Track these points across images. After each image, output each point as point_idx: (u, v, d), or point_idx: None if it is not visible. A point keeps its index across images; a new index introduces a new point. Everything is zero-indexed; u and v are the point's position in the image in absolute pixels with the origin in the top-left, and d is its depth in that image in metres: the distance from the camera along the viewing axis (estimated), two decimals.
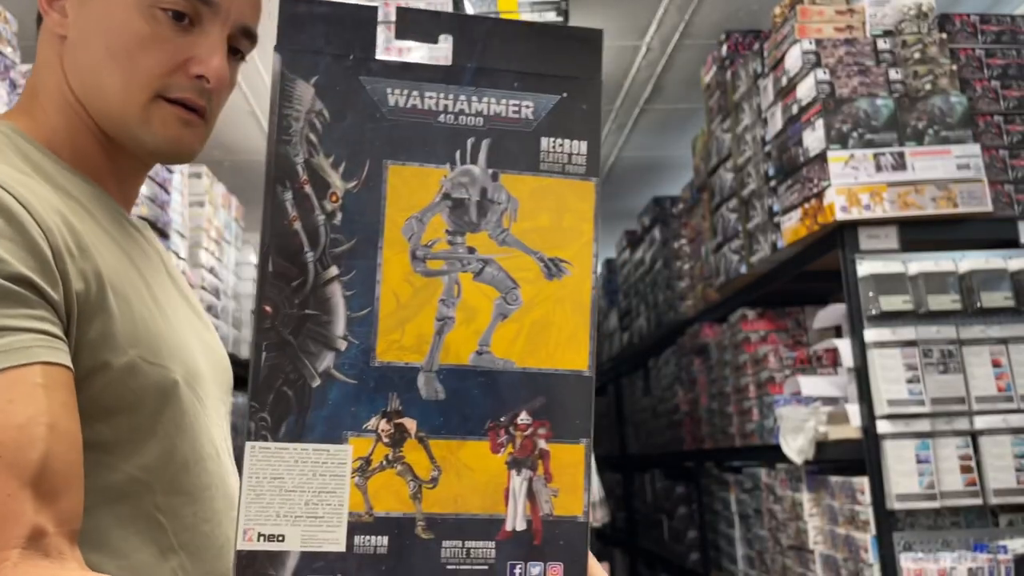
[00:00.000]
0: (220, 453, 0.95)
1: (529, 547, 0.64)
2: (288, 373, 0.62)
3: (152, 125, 0.90)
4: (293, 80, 0.65)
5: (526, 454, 0.64)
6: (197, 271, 3.84)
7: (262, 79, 4.89)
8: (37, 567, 0.69)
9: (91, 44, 0.90)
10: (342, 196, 0.64)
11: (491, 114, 0.66)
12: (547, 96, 0.67)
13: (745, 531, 3.47)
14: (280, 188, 0.64)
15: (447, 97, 0.66)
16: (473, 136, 0.66)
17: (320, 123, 0.64)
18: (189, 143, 0.94)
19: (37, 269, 0.76)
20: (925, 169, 2.45)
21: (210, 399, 0.95)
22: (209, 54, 0.90)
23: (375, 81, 0.65)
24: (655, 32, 4.57)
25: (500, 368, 0.65)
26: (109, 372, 0.81)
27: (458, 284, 0.65)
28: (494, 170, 0.66)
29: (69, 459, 0.74)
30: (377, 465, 0.63)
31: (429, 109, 0.65)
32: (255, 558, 0.60)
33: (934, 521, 2.35)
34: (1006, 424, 2.33)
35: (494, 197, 0.66)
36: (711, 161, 3.58)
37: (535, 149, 0.67)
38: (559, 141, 0.67)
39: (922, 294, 2.39)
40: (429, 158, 0.65)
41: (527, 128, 0.67)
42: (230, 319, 4.39)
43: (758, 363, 3.24)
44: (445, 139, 0.66)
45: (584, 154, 0.68)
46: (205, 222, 3.94)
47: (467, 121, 0.66)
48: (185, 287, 1.05)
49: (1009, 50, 2.69)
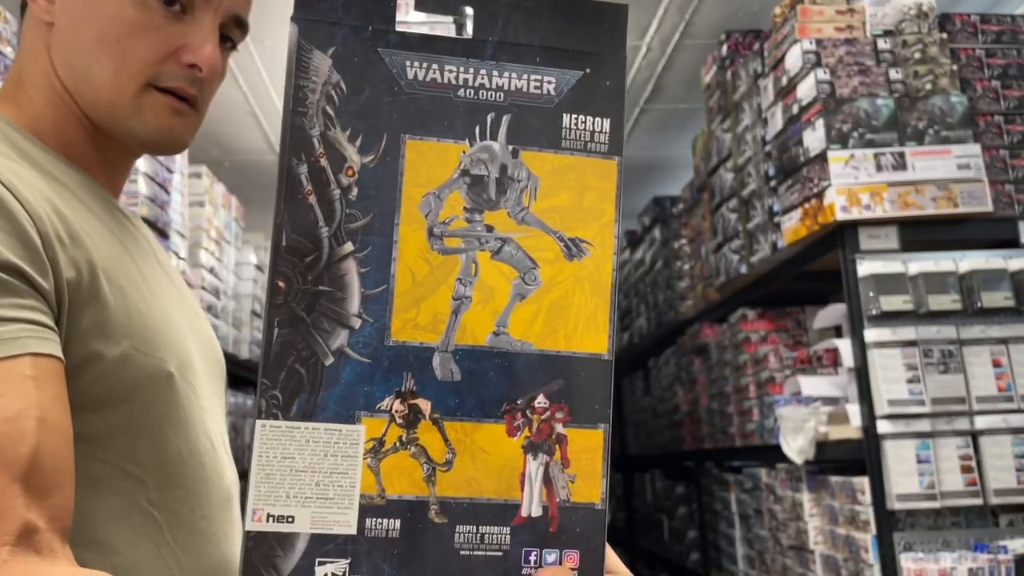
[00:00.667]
0: (216, 446, 0.93)
1: (545, 534, 0.62)
2: (300, 350, 0.61)
3: (143, 114, 0.89)
4: (310, 51, 0.63)
5: (543, 438, 0.63)
6: (197, 271, 3.84)
7: (263, 79, 4.89)
8: (28, 564, 0.67)
9: (80, 32, 0.88)
10: (358, 170, 0.62)
11: (512, 89, 0.65)
12: (570, 72, 0.66)
13: (745, 531, 3.47)
14: (295, 161, 0.62)
15: (467, 71, 0.64)
16: (493, 111, 0.65)
17: (337, 95, 0.63)
18: (181, 133, 0.92)
19: (26, 257, 0.74)
20: (925, 169, 2.45)
21: (205, 391, 0.93)
22: (201, 43, 0.89)
23: (394, 53, 0.63)
24: (655, 32, 4.57)
25: (517, 350, 0.63)
26: (102, 363, 0.79)
27: (476, 263, 0.63)
28: (514, 147, 0.65)
29: (60, 453, 0.72)
30: (390, 446, 0.61)
31: (449, 83, 0.64)
32: (264, 539, 0.59)
33: (934, 521, 2.35)
34: (1006, 424, 2.33)
35: (514, 174, 0.64)
36: (711, 161, 3.58)
37: (557, 126, 0.65)
38: (581, 118, 0.66)
39: (922, 294, 2.39)
40: (448, 133, 0.64)
41: (549, 104, 0.65)
42: (230, 319, 4.39)
43: (758, 363, 3.24)
44: (464, 114, 0.64)
45: (607, 132, 0.66)
46: (205, 222, 3.94)
47: (487, 96, 0.64)
48: (176, 277, 1.02)
49: (1009, 50, 2.69)
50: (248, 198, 5.18)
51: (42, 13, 0.90)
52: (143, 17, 0.87)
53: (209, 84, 0.92)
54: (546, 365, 0.63)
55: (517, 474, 0.62)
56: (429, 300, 0.62)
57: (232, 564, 0.91)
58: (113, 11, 0.87)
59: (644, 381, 5.24)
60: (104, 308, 0.80)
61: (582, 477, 0.63)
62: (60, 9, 0.89)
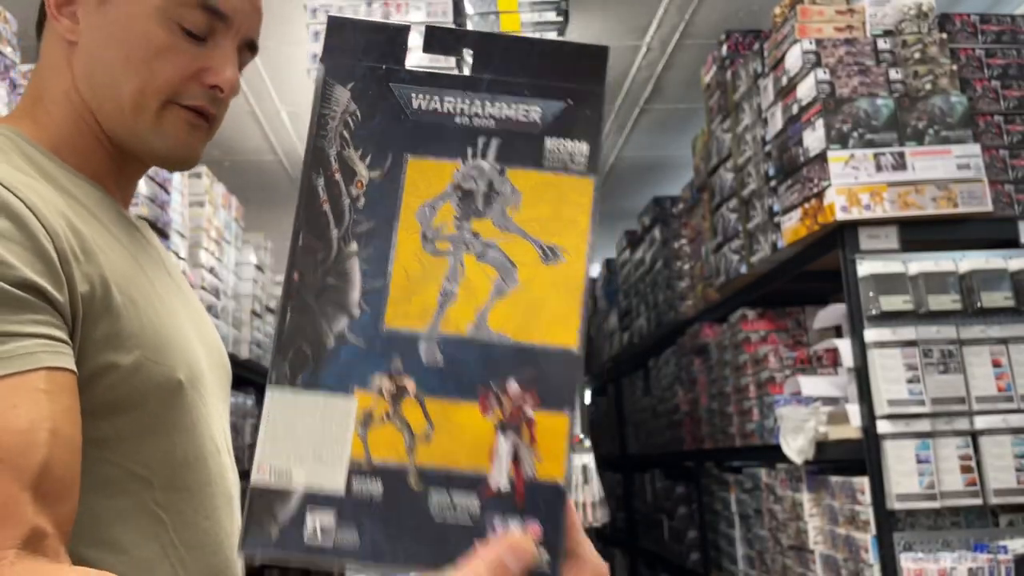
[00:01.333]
0: (220, 450, 0.98)
1: (511, 506, 0.69)
2: (308, 332, 0.70)
3: (164, 128, 0.95)
4: (332, 85, 0.74)
5: (514, 421, 0.70)
6: (197, 271, 3.84)
7: (264, 81, 4.89)
8: (35, 566, 0.71)
9: (108, 51, 0.93)
10: (366, 184, 0.73)
11: (502, 117, 0.75)
12: (554, 102, 0.75)
13: (745, 531, 3.48)
14: (314, 175, 0.72)
15: (464, 101, 0.75)
16: (484, 135, 0.74)
17: (352, 122, 0.74)
18: (195, 147, 0.98)
19: (44, 272, 0.78)
20: (925, 169, 2.45)
21: (211, 397, 0.97)
22: (223, 66, 0.96)
23: (402, 87, 0.74)
24: (655, 32, 4.57)
25: (495, 341, 0.71)
26: (115, 372, 0.83)
27: (462, 264, 0.72)
28: (502, 165, 0.74)
29: (69, 464, 0.77)
30: (378, 419, 0.69)
31: (448, 111, 0.74)
32: (265, 492, 0.67)
33: (934, 521, 2.35)
34: (1006, 424, 2.33)
35: (500, 189, 0.74)
36: (711, 161, 3.58)
37: (540, 148, 0.74)
38: (563, 142, 0.75)
39: (922, 294, 2.39)
40: (444, 153, 0.74)
41: (534, 130, 0.75)
42: (230, 319, 4.39)
43: (758, 363, 3.24)
44: (460, 137, 0.74)
45: (585, 154, 0.74)
46: (205, 222, 3.94)
47: (480, 123, 0.74)
48: (184, 284, 1.07)
49: (1009, 50, 2.69)
50: (248, 198, 5.18)
51: (66, 32, 0.94)
52: (171, 40, 0.93)
53: (226, 103, 0.99)
54: (520, 355, 0.71)
55: (488, 450, 0.70)
56: (420, 295, 0.71)
57: (233, 563, 0.95)
58: (142, 32, 0.92)
59: (644, 381, 5.24)
60: (117, 320, 0.84)
61: (547, 457, 0.70)
62: (85, 29, 0.94)
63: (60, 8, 0.94)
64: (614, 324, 5.74)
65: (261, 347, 4.92)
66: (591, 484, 2.46)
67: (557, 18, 3.16)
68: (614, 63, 4.86)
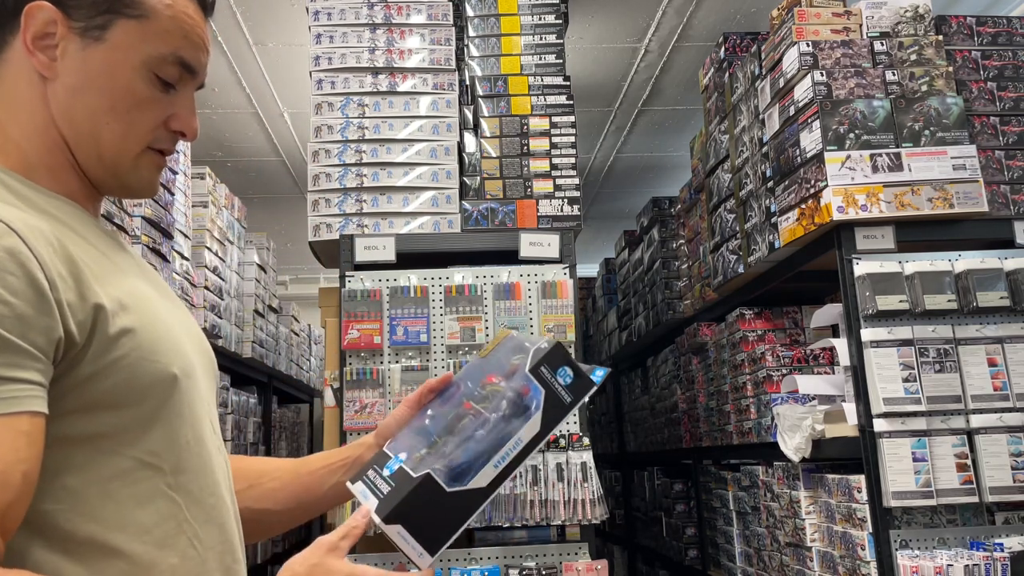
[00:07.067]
0: (216, 430, 1.09)
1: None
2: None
3: (140, 171, 1.05)
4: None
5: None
6: (200, 271, 3.85)
7: (264, 80, 4.91)
8: None
9: (90, 97, 1.00)
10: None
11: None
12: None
13: (743, 528, 3.50)
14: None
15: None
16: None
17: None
18: (157, 183, 1.10)
19: (40, 309, 0.85)
20: (921, 170, 2.47)
21: (202, 383, 1.07)
22: (189, 115, 1.07)
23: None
24: (653, 34, 4.59)
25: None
26: (115, 373, 0.92)
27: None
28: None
29: (27, 502, 0.85)
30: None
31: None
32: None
33: (931, 519, 2.37)
34: (1002, 422, 2.35)
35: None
36: (709, 162, 3.60)
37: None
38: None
39: (918, 294, 2.41)
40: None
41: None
42: (233, 318, 4.40)
43: (756, 362, 3.26)
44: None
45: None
46: (208, 222, 3.95)
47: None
48: (160, 281, 1.15)
49: (1005, 51, 2.71)
50: (250, 198, 5.20)
51: (41, 67, 0.99)
52: (150, 92, 1.02)
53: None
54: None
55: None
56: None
57: (237, 536, 1.07)
58: (127, 84, 1.01)
59: (642, 380, 5.26)
60: (111, 327, 0.92)
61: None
62: (65, 69, 0.99)
63: (36, 42, 0.98)
64: (613, 323, 5.76)
65: (263, 346, 4.94)
66: (590, 482, 2.48)
67: (556, 21, 3.17)
68: (613, 65, 4.88)
